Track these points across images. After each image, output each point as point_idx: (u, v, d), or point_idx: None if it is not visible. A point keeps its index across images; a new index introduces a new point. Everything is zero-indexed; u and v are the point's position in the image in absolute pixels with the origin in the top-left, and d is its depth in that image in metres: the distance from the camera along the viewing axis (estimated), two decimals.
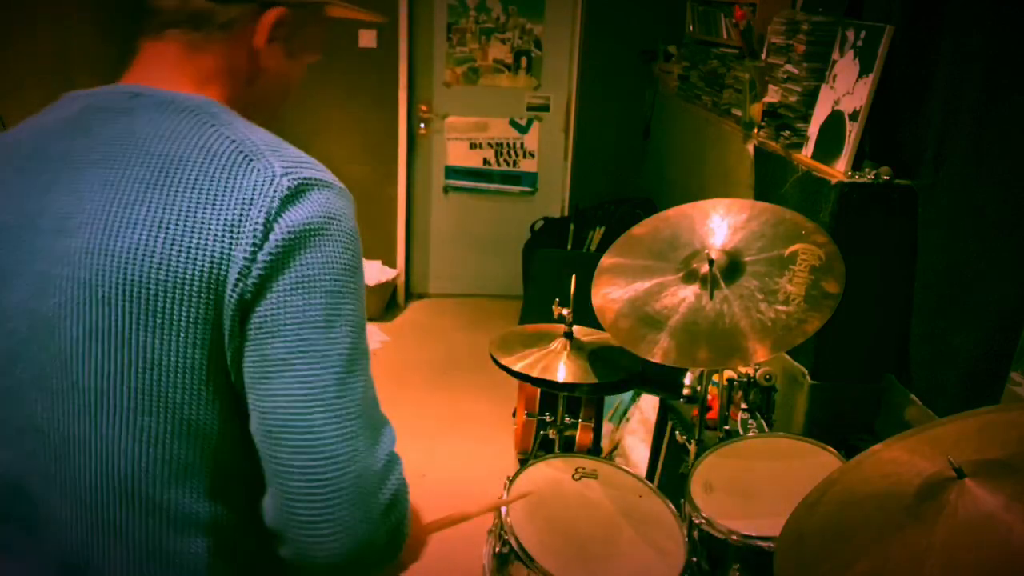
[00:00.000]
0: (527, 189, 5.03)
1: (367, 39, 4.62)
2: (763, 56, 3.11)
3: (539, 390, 2.57)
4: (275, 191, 0.88)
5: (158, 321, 0.86)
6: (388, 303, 4.88)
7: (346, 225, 0.92)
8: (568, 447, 2.49)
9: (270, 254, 0.87)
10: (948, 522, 1.11)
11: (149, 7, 1.01)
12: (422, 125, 4.87)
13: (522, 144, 4.96)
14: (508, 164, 4.98)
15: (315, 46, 1.11)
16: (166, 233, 0.87)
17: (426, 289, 5.16)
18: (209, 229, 0.87)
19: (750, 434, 2.27)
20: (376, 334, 4.53)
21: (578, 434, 2.60)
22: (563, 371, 2.12)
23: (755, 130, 3.07)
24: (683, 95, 4.23)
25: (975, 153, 2.22)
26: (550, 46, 4.83)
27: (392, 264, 4.92)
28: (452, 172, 4.99)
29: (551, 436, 2.43)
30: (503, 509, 1.76)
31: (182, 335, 0.87)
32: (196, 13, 0.99)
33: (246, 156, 0.91)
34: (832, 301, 1.83)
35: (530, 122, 4.93)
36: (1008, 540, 1.06)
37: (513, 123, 4.93)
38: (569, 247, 4.56)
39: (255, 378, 0.87)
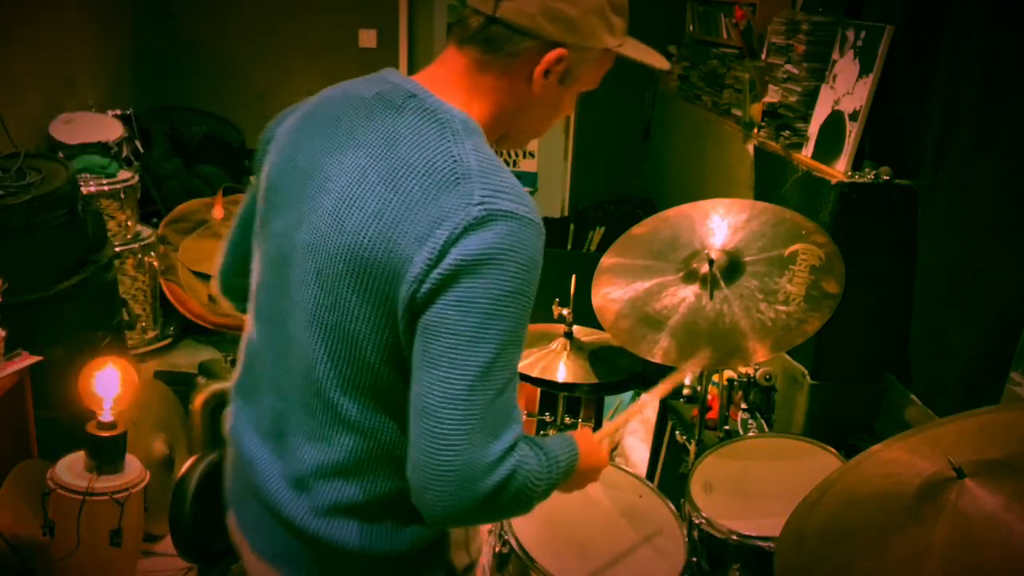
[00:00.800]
0: (527, 189, 5.02)
1: (367, 39, 4.62)
2: (763, 56, 3.11)
3: (539, 390, 2.57)
4: (463, 217, 1.05)
5: (358, 283, 1.10)
6: None
7: (522, 255, 1.06)
8: None
9: (441, 274, 1.04)
10: (948, 522, 1.11)
11: (461, 17, 1.19)
12: None
13: None
14: (508, 164, 4.98)
15: (591, 80, 1.25)
16: (379, 223, 1.08)
17: None
18: (406, 232, 1.06)
19: (750, 434, 2.27)
20: None
21: None
22: (563, 371, 2.11)
23: (755, 130, 3.06)
24: (683, 95, 4.23)
25: (975, 153, 2.22)
26: None
27: None
28: None
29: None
30: None
31: (372, 299, 1.10)
32: (492, 37, 1.15)
33: (457, 177, 1.07)
34: (832, 301, 1.83)
35: None
36: (1008, 540, 1.06)
37: None
38: (569, 247, 4.56)
39: (414, 365, 1.08)
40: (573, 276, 2.19)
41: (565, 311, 2.20)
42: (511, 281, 1.05)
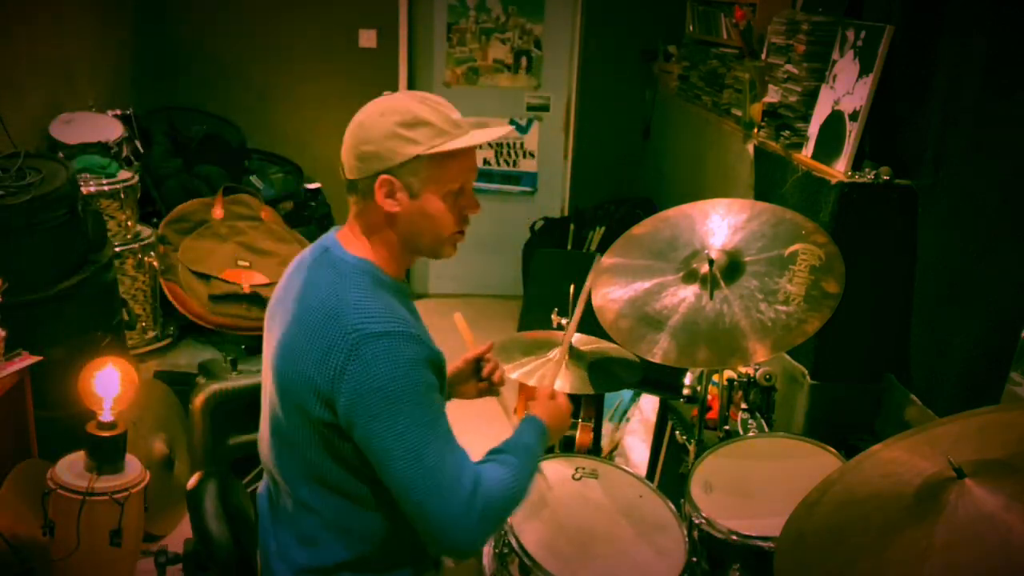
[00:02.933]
0: (527, 189, 5.03)
1: (367, 39, 4.61)
2: (763, 56, 3.11)
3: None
4: (343, 345, 1.39)
5: (284, 399, 1.49)
6: None
7: (397, 364, 1.39)
8: (568, 447, 2.49)
9: (345, 404, 1.40)
10: (948, 522, 1.11)
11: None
12: None
13: (522, 144, 4.96)
14: (508, 164, 4.98)
15: (448, 179, 1.48)
16: (291, 351, 1.47)
17: (426, 289, 5.16)
18: (306, 358, 1.43)
19: (750, 434, 2.27)
20: None
21: (578, 434, 2.60)
22: (560, 381, 2.08)
23: (755, 130, 3.06)
24: (683, 95, 4.23)
25: (975, 153, 2.22)
26: (550, 46, 4.83)
27: None
28: None
29: None
30: None
31: (293, 410, 1.48)
32: (354, 191, 1.50)
33: (337, 312, 1.42)
34: (832, 301, 1.83)
35: (530, 122, 4.93)
36: (1008, 540, 1.06)
37: (513, 123, 4.92)
38: (569, 247, 4.56)
39: (376, 467, 1.45)
40: (572, 286, 2.17)
41: (564, 320, 2.19)
42: (396, 388, 1.37)
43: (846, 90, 2.57)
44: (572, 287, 2.19)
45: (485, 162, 4.96)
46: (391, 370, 1.38)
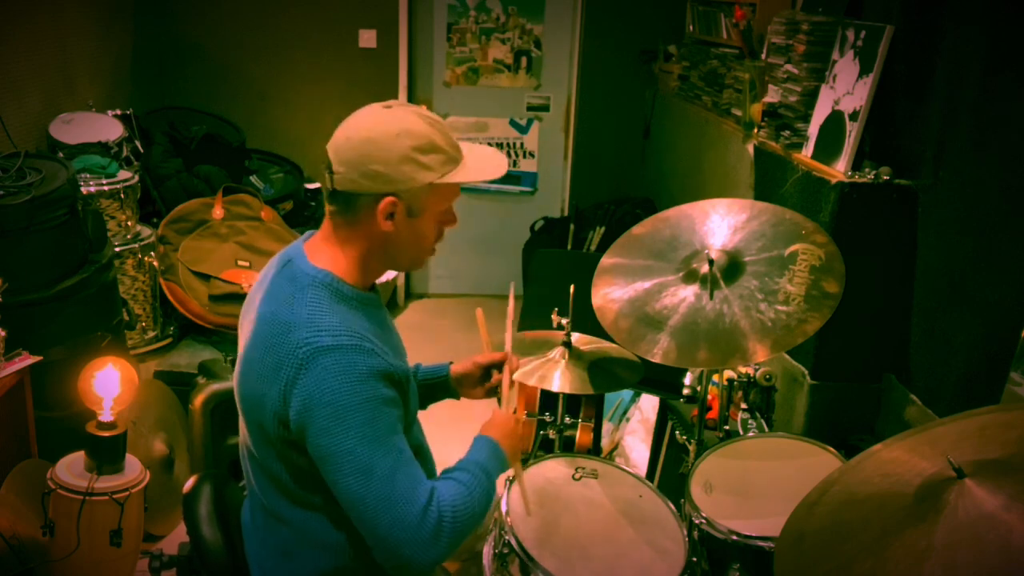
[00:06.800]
0: (527, 189, 5.03)
1: (367, 39, 4.61)
2: (763, 56, 3.11)
3: (539, 389, 2.57)
4: (293, 360, 1.38)
5: (244, 414, 1.53)
6: (388, 303, 4.89)
7: (347, 377, 1.38)
8: (568, 447, 2.49)
9: (295, 418, 1.40)
10: (948, 522, 1.11)
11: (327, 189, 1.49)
12: None
13: (522, 144, 4.95)
14: (509, 165, 4.98)
15: (442, 203, 1.49)
16: (247, 364, 1.48)
17: (426, 289, 5.16)
18: (258, 372, 1.44)
19: (750, 434, 2.27)
20: None
21: (578, 434, 2.60)
22: (560, 381, 2.07)
23: (755, 130, 3.06)
24: (683, 95, 4.23)
25: (975, 153, 2.22)
26: (550, 46, 4.83)
27: None
28: None
29: (551, 436, 2.42)
30: (503, 508, 1.75)
31: (253, 426, 1.50)
32: (338, 203, 1.47)
33: (289, 325, 1.40)
34: (832, 301, 1.83)
35: (530, 122, 4.93)
36: (1008, 540, 1.06)
37: (513, 123, 4.92)
38: (569, 247, 4.56)
39: (325, 478, 1.44)
40: (572, 287, 2.17)
41: (564, 321, 2.18)
42: (346, 402, 1.35)
43: (846, 90, 2.57)
44: (572, 287, 2.19)
45: None
46: (340, 384, 1.36)
